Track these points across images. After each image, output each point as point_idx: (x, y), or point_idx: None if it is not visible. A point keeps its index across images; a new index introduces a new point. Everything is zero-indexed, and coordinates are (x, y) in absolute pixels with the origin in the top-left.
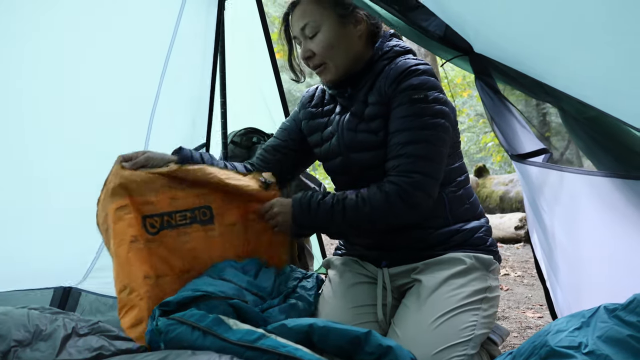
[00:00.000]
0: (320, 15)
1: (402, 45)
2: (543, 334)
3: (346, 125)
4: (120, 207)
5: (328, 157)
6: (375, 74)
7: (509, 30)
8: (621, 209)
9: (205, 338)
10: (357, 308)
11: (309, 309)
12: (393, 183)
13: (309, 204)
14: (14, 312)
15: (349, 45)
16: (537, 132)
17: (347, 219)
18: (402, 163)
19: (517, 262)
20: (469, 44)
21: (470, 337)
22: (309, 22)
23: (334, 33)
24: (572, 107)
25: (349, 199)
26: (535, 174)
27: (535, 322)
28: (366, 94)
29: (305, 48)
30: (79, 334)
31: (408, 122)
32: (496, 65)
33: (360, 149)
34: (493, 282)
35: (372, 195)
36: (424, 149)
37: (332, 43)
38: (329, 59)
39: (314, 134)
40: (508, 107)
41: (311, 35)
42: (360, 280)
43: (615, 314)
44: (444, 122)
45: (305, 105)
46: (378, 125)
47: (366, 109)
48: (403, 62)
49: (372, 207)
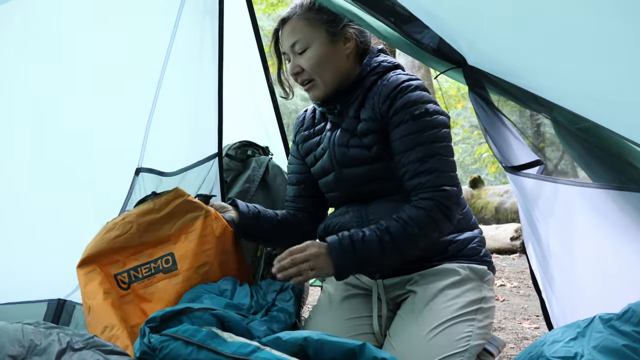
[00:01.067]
0: (310, 33)
1: (390, 60)
2: (539, 345)
3: (337, 141)
4: (89, 271)
5: (321, 174)
6: (365, 89)
7: (501, 43)
8: (615, 220)
9: (199, 352)
10: (352, 320)
11: (290, 320)
12: (429, 199)
13: (352, 244)
14: (8, 327)
15: (337, 63)
16: (531, 143)
17: (398, 246)
18: (428, 179)
19: (513, 273)
20: (462, 57)
21: (465, 348)
22: (299, 39)
23: (323, 51)
24: (564, 117)
25: (393, 226)
26: (529, 186)
27: (532, 333)
28: (357, 110)
29: (294, 64)
30: (73, 349)
31: (417, 139)
32: (489, 77)
33: (352, 164)
34: (488, 292)
35: (415, 216)
36: (441, 161)
37: (321, 60)
38: (318, 76)
39: (308, 155)
40: (502, 119)
41: (301, 52)
42: (355, 292)
43: (611, 324)
44: (448, 131)
45: (299, 131)
46: (371, 141)
47: (358, 125)
48: (394, 78)
49: (419, 226)
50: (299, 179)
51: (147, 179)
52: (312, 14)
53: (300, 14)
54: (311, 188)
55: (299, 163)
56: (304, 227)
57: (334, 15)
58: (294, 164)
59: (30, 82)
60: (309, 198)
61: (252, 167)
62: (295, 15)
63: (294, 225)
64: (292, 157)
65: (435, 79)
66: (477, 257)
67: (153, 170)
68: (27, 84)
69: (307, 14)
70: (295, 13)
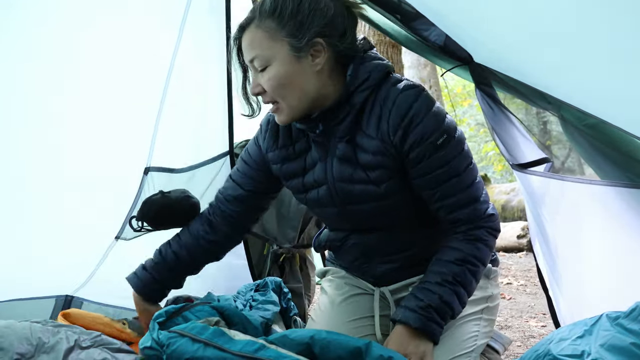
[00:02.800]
0: (269, 49)
1: (377, 65)
2: (546, 343)
3: (338, 176)
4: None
5: (317, 205)
6: (355, 108)
7: (508, 40)
8: (623, 217)
9: (206, 349)
10: (354, 321)
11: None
12: (480, 228)
13: (437, 312)
14: (16, 325)
15: (304, 83)
16: (538, 140)
17: (470, 289)
18: (470, 211)
19: (520, 271)
20: (468, 54)
21: (473, 348)
22: (257, 55)
23: (285, 70)
24: (572, 115)
25: (460, 273)
26: (536, 184)
27: (539, 331)
28: (347, 132)
29: (255, 82)
30: (81, 347)
31: (448, 171)
32: (496, 75)
33: (358, 201)
34: (494, 289)
35: (477, 253)
36: (475, 187)
37: (283, 82)
38: (280, 98)
39: (291, 180)
40: (508, 116)
41: (261, 69)
42: (357, 292)
43: (618, 322)
44: (467, 146)
45: (272, 146)
46: (380, 177)
47: (359, 154)
48: (400, 102)
49: (482, 262)
50: (254, 187)
51: (156, 177)
52: (273, 22)
53: (258, 23)
54: (259, 202)
55: (259, 170)
56: (219, 240)
57: (299, 24)
58: (251, 167)
59: (37, 81)
60: (248, 210)
61: None
62: (253, 24)
63: (209, 240)
64: (249, 158)
65: (441, 77)
66: None
67: (162, 168)
68: (34, 83)
69: (266, 23)
70: (253, 20)
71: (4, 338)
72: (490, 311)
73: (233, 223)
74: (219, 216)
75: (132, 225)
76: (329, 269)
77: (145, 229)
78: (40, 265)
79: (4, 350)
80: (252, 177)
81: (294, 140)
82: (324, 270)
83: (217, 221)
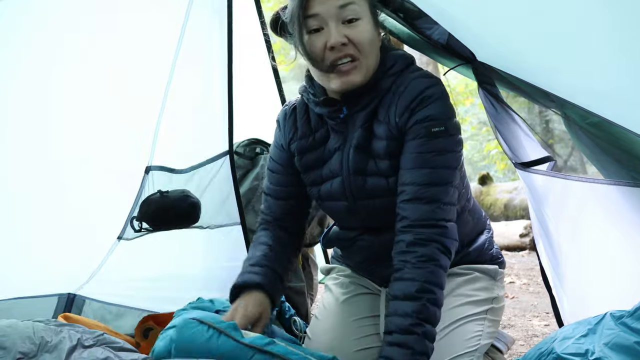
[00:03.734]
0: (362, 4)
1: (405, 55)
2: (549, 341)
3: (353, 166)
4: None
5: (328, 198)
6: (381, 94)
7: (511, 39)
8: (626, 216)
9: (219, 337)
10: (359, 320)
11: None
12: (430, 241)
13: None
14: (18, 324)
15: (377, 50)
16: (541, 139)
17: (438, 316)
18: (425, 209)
19: (523, 270)
20: (471, 52)
21: (476, 348)
22: (353, 3)
23: (371, 29)
24: (575, 113)
25: (423, 310)
26: (539, 182)
27: (542, 330)
28: (367, 120)
29: (340, 32)
30: (84, 346)
31: (428, 160)
32: (499, 73)
33: (368, 196)
34: (500, 291)
35: (430, 276)
36: (443, 191)
37: (372, 38)
38: (364, 56)
39: (310, 172)
40: (511, 115)
41: (351, 19)
42: (361, 292)
43: (622, 321)
44: (462, 154)
45: (294, 137)
46: (388, 168)
47: (373, 142)
48: (414, 85)
49: (440, 286)
50: (291, 193)
51: (156, 177)
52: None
53: None
54: (304, 204)
55: (290, 173)
56: (289, 254)
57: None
58: (284, 175)
59: (39, 80)
60: (300, 217)
61: (260, 165)
62: None
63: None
64: (277, 165)
65: (444, 75)
66: (488, 257)
67: (163, 167)
68: (35, 82)
69: None
70: None
71: (6, 337)
72: (495, 312)
73: (289, 238)
74: (273, 230)
75: (133, 226)
76: (334, 267)
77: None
78: (42, 263)
79: (6, 350)
80: (285, 185)
81: (313, 129)
82: (329, 268)
83: (274, 234)
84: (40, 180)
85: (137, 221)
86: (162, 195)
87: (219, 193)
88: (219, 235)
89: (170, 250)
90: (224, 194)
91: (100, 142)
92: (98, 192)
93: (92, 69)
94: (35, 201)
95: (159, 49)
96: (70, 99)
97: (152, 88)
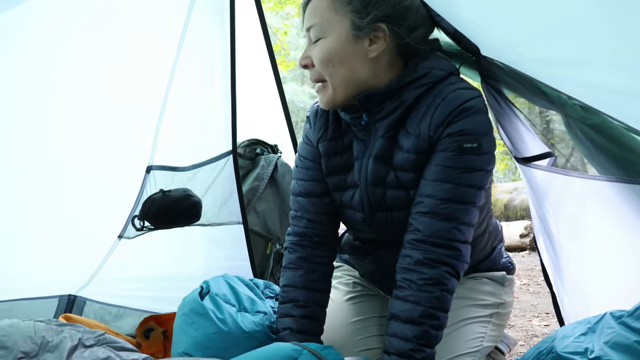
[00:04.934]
0: (329, 20)
1: (443, 66)
2: (549, 340)
3: (372, 177)
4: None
5: (348, 206)
6: (406, 105)
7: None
8: (627, 214)
9: None
10: (360, 321)
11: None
12: (440, 263)
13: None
14: (20, 324)
15: (355, 66)
16: (542, 136)
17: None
18: (439, 226)
19: (523, 270)
20: (476, 46)
21: (478, 349)
22: (315, 24)
23: (339, 46)
24: (576, 113)
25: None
26: (540, 178)
27: (542, 330)
28: (391, 129)
29: (305, 53)
30: (85, 345)
31: (453, 175)
32: (502, 68)
33: (388, 208)
34: (507, 297)
35: (435, 302)
36: (466, 212)
37: (333, 58)
38: (328, 76)
39: (335, 175)
40: (514, 110)
41: (315, 40)
42: (363, 293)
43: (622, 321)
44: (491, 174)
45: (322, 136)
46: (411, 181)
47: (395, 153)
48: (454, 96)
49: (444, 310)
50: (323, 189)
51: (158, 176)
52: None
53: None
54: (334, 201)
55: (320, 168)
56: (329, 257)
57: (367, 2)
58: (313, 170)
59: (40, 80)
60: (334, 214)
61: (261, 165)
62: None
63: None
64: (307, 161)
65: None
66: (500, 268)
67: (165, 166)
68: (36, 82)
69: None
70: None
71: (8, 337)
72: (500, 317)
73: (325, 245)
74: (309, 247)
75: (134, 224)
76: (341, 265)
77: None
78: (43, 265)
79: (8, 349)
80: (319, 180)
81: (343, 132)
82: (336, 265)
83: (310, 254)
84: (40, 180)
85: (138, 220)
86: (164, 195)
87: (221, 192)
88: (220, 234)
89: (170, 250)
90: (227, 193)
91: (101, 141)
92: (98, 192)
93: (93, 68)
94: (35, 202)
95: (160, 48)
96: (71, 98)
97: (153, 87)
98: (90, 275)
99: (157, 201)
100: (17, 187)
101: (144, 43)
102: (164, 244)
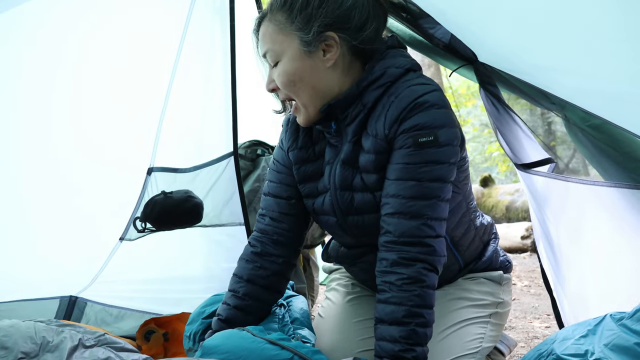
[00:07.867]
0: (280, 43)
1: (400, 63)
2: (549, 342)
3: (339, 182)
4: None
5: (321, 212)
6: (366, 107)
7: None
8: (627, 218)
9: None
10: (362, 322)
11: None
12: (415, 260)
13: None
14: (20, 324)
15: (316, 79)
16: (542, 141)
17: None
18: (409, 225)
19: (524, 272)
20: (473, 53)
21: (477, 350)
22: (269, 50)
23: (295, 65)
24: (576, 115)
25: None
26: (540, 184)
27: (543, 332)
28: (356, 133)
29: (269, 78)
30: (85, 346)
31: (414, 172)
32: (500, 74)
33: (357, 211)
34: (505, 296)
35: (417, 299)
36: (432, 207)
37: (292, 78)
38: (294, 96)
39: (306, 183)
40: (512, 116)
41: (273, 64)
42: (364, 294)
43: (622, 323)
44: (454, 166)
45: (293, 145)
46: (375, 183)
47: (360, 157)
48: (407, 93)
49: (428, 306)
50: (290, 193)
51: (159, 177)
52: (283, 16)
53: (270, 16)
54: (302, 204)
55: (290, 173)
56: (287, 259)
57: (308, 17)
58: (284, 174)
59: (42, 81)
60: (298, 217)
61: (261, 166)
62: (266, 17)
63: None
64: (278, 164)
65: (448, 77)
66: (496, 267)
67: (166, 168)
68: (38, 83)
69: (277, 17)
70: (267, 14)
71: (8, 337)
72: (499, 317)
73: (283, 245)
74: (267, 244)
75: (136, 226)
76: (338, 268)
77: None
78: (44, 266)
79: (8, 349)
80: (288, 184)
81: (314, 141)
82: (333, 268)
83: (266, 250)
84: (41, 182)
85: (140, 222)
86: (165, 196)
87: (223, 194)
88: (221, 236)
89: (171, 251)
90: (228, 194)
91: (102, 143)
92: (100, 193)
93: (94, 69)
94: (37, 203)
95: (161, 48)
96: (72, 99)
97: (154, 89)
98: (92, 277)
99: (159, 203)
100: (18, 188)
101: (144, 43)
102: (165, 245)
